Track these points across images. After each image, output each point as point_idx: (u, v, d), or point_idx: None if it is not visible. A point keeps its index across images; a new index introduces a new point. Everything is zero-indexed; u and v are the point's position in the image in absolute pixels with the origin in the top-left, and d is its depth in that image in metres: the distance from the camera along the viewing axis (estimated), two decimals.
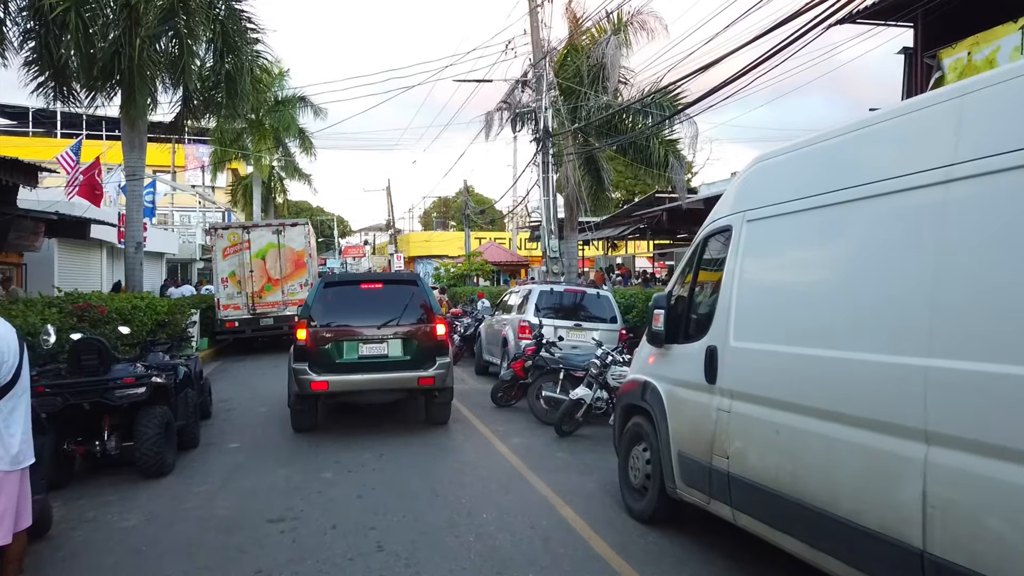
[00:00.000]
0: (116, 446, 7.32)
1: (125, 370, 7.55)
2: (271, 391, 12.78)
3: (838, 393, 3.70)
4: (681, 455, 5.21)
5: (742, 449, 4.50)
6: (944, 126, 3.34)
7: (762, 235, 4.61)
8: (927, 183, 3.36)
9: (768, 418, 4.24)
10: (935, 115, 3.46)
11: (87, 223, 17.15)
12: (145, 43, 14.46)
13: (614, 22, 20.01)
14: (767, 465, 4.25)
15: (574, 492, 6.66)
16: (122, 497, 6.75)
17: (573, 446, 8.62)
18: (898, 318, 3.41)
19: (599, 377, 9.17)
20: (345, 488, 6.84)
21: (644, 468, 5.81)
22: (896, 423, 3.33)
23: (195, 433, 8.72)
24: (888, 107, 3.97)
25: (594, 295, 13.25)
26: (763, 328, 4.41)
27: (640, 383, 5.89)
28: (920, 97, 3.82)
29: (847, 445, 3.62)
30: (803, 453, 3.94)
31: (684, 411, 5.22)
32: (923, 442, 3.20)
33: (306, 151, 34.19)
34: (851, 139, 4.01)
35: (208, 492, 6.83)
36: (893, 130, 3.75)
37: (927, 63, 12.91)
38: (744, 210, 4.79)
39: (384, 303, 9.37)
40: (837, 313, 3.81)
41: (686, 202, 21.53)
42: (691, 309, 5.41)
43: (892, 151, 3.72)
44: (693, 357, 5.09)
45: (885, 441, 3.38)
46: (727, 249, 4.92)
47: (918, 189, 3.43)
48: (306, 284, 19.03)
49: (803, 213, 4.15)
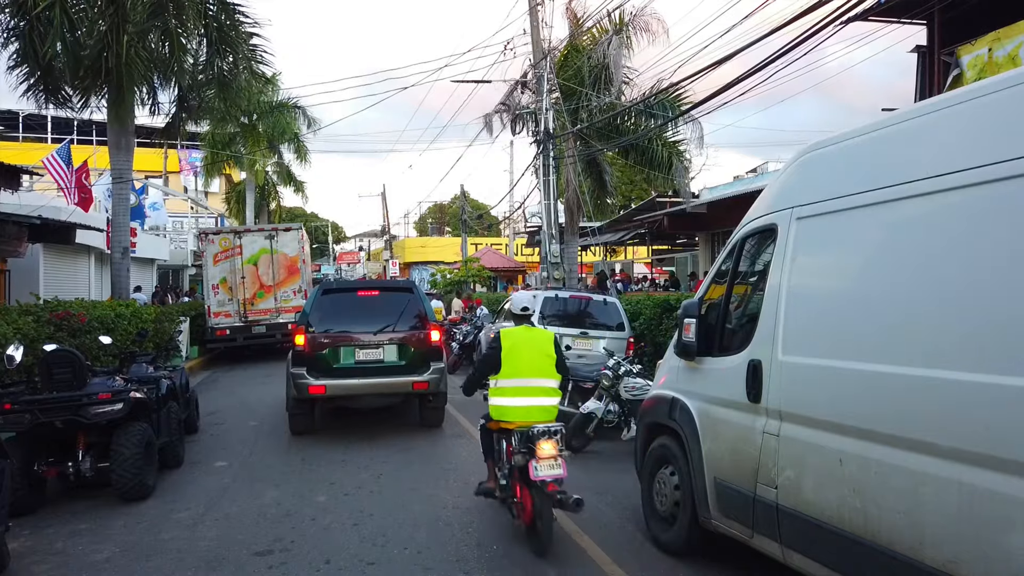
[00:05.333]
0: (91, 467, 6.75)
1: (102, 384, 6.97)
2: (263, 403, 12.20)
3: (927, 420, 3.14)
4: (718, 482, 4.65)
5: (794, 479, 3.93)
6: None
7: (817, 233, 4.05)
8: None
9: (829, 444, 3.68)
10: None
11: (72, 228, 16.49)
12: (133, 39, 13.89)
13: (615, 22, 19.54)
14: (828, 499, 3.68)
15: (591, 519, 6.08)
16: (96, 525, 6.16)
17: (585, 464, 8.04)
18: (1005, 332, 2.86)
19: (611, 389, 8.60)
20: (340, 514, 6.25)
21: (672, 494, 5.24)
22: (1006, 457, 2.78)
23: (179, 451, 8.13)
24: (981, 83, 3.41)
25: (600, 301, 12.69)
26: (822, 340, 3.85)
27: (667, 399, 5.33)
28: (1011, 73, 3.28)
29: (939, 481, 3.06)
30: (878, 488, 3.37)
31: (721, 433, 4.66)
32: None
33: (301, 158, 33.63)
34: (930, 122, 3.46)
35: (191, 519, 6.24)
36: (981, 111, 3.21)
37: (944, 61, 12.47)
38: (793, 206, 4.24)
39: (380, 310, 9.53)
40: (924, 325, 3.25)
41: (690, 206, 21.04)
42: (726, 318, 4.85)
43: (979, 135, 3.18)
44: (731, 372, 4.54)
45: (991, 479, 2.82)
46: (771, 250, 4.36)
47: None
48: (300, 291, 18.45)
49: (875, 208, 3.59)
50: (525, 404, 5.62)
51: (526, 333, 5.91)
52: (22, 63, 14.04)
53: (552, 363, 5.79)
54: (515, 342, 5.79)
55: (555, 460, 5.29)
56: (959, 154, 3.18)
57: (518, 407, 5.62)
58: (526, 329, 5.96)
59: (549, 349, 5.83)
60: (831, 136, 4.21)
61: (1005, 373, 2.81)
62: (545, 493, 5.25)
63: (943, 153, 3.28)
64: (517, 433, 5.50)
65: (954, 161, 3.19)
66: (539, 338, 5.91)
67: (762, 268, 4.52)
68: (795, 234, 4.18)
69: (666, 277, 32.72)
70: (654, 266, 36.91)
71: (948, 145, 3.29)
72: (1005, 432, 2.80)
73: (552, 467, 5.26)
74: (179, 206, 42.61)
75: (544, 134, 18.65)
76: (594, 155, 20.38)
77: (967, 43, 11.70)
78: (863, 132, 3.85)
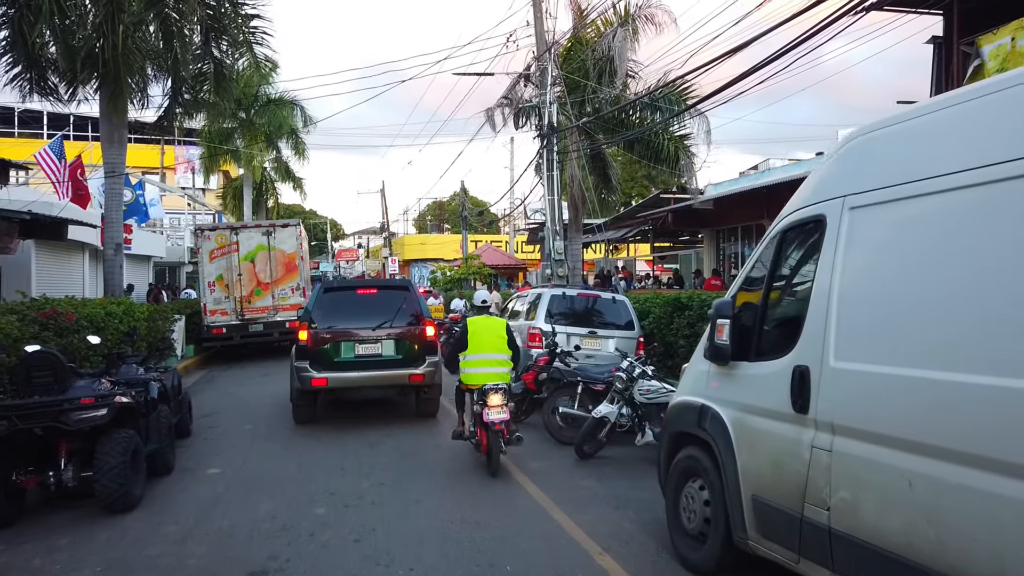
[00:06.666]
0: (73, 476, 6.31)
1: (86, 388, 6.53)
2: (259, 404, 11.79)
3: (1021, 439, 2.71)
4: (756, 499, 4.22)
5: (851, 500, 3.50)
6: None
7: (875, 224, 3.61)
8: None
9: (895, 464, 3.24)
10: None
11: (64, 223, 16.00)
12: (129, 29, 13.43)
13: (620, 14, 19.11)
14: (893, 526, 3.25)
15: (611, 534, 5.65)
16: (77, 539, 5.73)
17: (598, 471, 7.62)
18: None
19: (625, 392, 8.16)
20: (340, 529, 5.82)
21: (702, 510, 4.81)
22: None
23: (169, 458, 7.69)
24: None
25: (609, 299, 12.26)
26: (886, 345, 3.40)
27: (695, 407, 4.90)
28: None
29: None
30: (958, 515, 2.94)
31: (760, 445, 4.22)
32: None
33: (299, 154, 33.15)
34: (1011, 96, 3.02)
35: (179, 533, 5.80)
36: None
37: (963, 51, 12.08)
38: (845, 194, 3.80)
39: (378, 307, 10.08)
40: (1017, 328, 2.81)
41: (697, 201, 20.62)
42: (764, 319, 4.41)
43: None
44: (772, 379, 4.11)
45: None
46: (820, 244, 3.92)
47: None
48: (298, 288, 18.01)
49: (955, 194, 3.15)
50: (484, 372, 7.73)
51: (485, 321, 8.08)
52: (10, 50, 13.59)
53: (504, 342, 7.92)
54: (477, 328, 7.94)
55: (501, 408, 7.36)
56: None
57: (478, 373, 7.75)
58: (485, 318, 8.17)
59: (502, 332, 7.98)
60: (894, 113, 3.77)
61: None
62: (494, 431, 7.30)
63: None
64: (477, 391, 7.63)
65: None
66: (494, 324, 8.08)
67: (807, 264, 4.09)
68: (848, 225, 3.74)
69: (669, 275, 32.32)
70: (655, 264, 36.50)
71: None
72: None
73: (499, 413, 7.33)
74: (176, 203, 42.16)
75: (548, 128, 18.20)
76: (599, 150, 19.94)
77: (988, 32, 11.31)
78: (934, 108, 3.41)
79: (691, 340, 11.34)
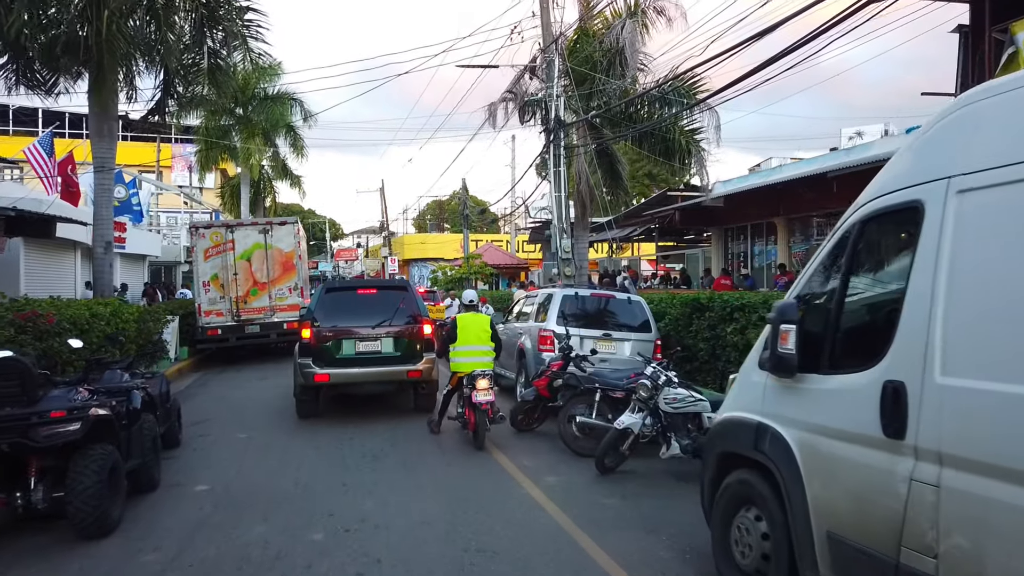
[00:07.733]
0: (44, 497, 5.65)
1: (60, 399, 5.86)
2: (255, 410, 11.18)
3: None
4: (833, 537, 3.58)
5: (969, 549, 2.86)
6: None
7: (992, 210, 2.97)
8: None
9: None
10: None
11: (52, 221, 15.36)
12: (115, 15, 12.77)
13: (630, 5, 18.47)
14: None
15: (644, 564, 5.01)
16: (46, 568, 5.11)
17: (622, 487, 6.98)
18: None
19: (649, 401, 7.50)
20: (340, 557, 5.17)
21: (759, 545, 4.16)
22: None
23: (154, 473, 7.04)
24: None
25: (624, 300, 11.62)
26: (1011, 358, 2.76)
27: (749, 425, 4.25)
28: None
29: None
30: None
31: (837, 474, 3.58)
32: None
33: (297, 151, 32.49)
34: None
35: (159, 563, 5.15)
36: None
37: (995, 38, 11.50)
38: (949, 176, 3.15)
39: (378, 306, 10.46)
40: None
41: (708, 199, 19.98)
42: (838, 324, 3.77)
43: None
44: (852, 395, 3.47)
45: None
46: (916, 235, 3.28)
47: None
48: (296, 288, 17.35)
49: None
50: (471, 361, 8.94)
51: (472, 317, 9.34)
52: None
53: (488, 335, 9.17)
54: (465, 323, 9.17)
55: (487, 391, 8.51)
56: None
57: (467, 362, 8.96)
58: (472, 314, 9.44)
59: (486, 327, 9.23)
60: (997, 81, 3.13)
61: None
62: (480, 411, 8.45)
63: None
64: (466, 376, 8.76)
65: None
66: (480, 320, 9.35)
67: (898, 259, 3.45)
68: (955, 213, 3.10)
69: (676, 274, 31.66)
70: (658, 263, 35.86)
71: None
72: None
73: (486, 395, 8.49)
74: (173, 201, 41.49)
75: (555, 122, 17.55)
76: (606, 145, 19.29)
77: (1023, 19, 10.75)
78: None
79: (711, 343, 10.72)
